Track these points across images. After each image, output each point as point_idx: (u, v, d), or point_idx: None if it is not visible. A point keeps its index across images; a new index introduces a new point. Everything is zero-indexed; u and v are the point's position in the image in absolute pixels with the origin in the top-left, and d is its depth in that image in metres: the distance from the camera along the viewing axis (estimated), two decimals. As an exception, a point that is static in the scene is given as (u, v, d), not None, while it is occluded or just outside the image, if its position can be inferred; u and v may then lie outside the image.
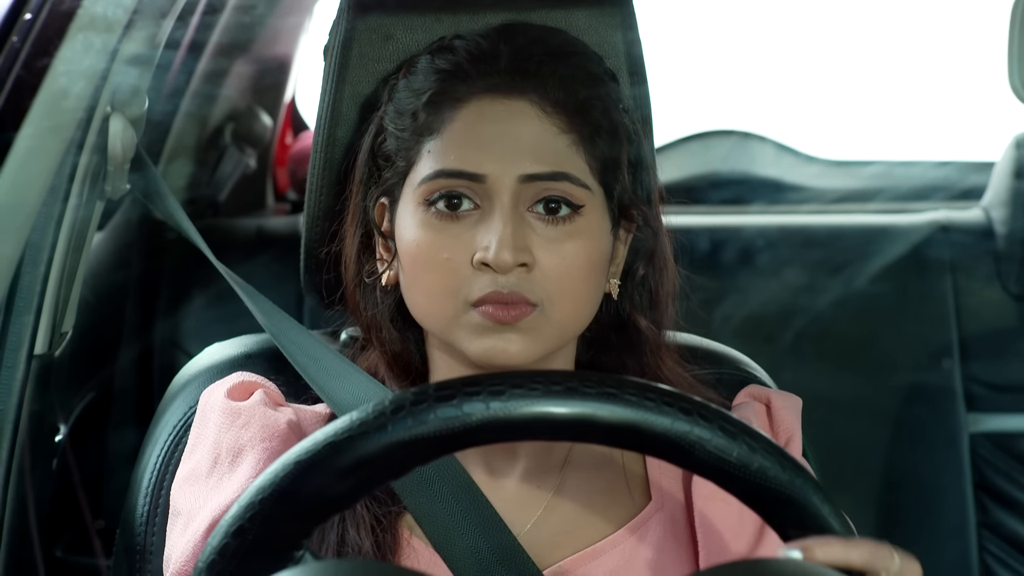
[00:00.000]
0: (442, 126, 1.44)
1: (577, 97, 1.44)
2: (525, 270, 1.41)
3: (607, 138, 1.46)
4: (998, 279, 2.87)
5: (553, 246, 1.42)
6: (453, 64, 1.45)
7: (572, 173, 1.42)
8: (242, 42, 3.02)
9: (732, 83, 4.05)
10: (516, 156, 1.41)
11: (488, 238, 1.40)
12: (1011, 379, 2.83)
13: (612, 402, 1.17)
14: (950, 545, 2.80)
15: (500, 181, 1.41)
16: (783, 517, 1.21)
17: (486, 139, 1.42)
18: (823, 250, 2.88)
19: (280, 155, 3.36)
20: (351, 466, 1.17)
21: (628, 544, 1.47)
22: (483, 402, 1.17)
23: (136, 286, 2.90)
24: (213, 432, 1.48)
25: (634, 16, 1.59)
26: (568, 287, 1.42)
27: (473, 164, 1.41)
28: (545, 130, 1.43)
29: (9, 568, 1.72)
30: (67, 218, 1.67)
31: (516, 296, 1.40)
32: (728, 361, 1.68)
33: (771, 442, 1.19)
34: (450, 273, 1.41)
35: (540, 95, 1.43)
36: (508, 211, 1.40)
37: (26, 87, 1.49)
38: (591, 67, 1.48)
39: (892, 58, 4.13)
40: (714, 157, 3.43)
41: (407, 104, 1.47)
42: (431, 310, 1.44)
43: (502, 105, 1.43)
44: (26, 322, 1.66)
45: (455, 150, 1.42)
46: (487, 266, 1.40)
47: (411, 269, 1.44)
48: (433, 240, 1.42)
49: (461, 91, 1.44)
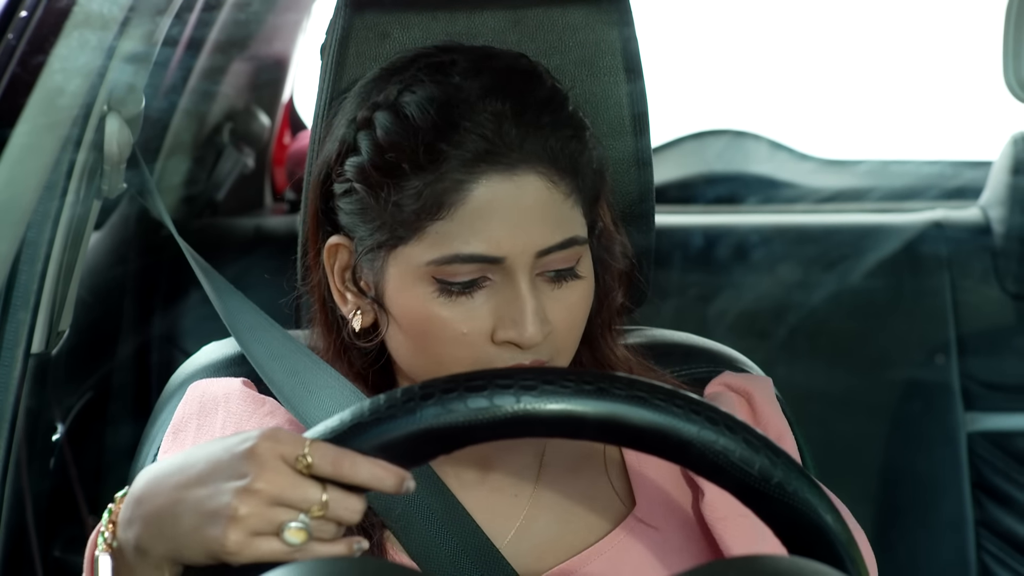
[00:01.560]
0: (451, 207, 1.38)
1: (571, 154, 1.41)
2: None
3: (592, 181, 1.44)
4: (995, 277, 2.87)
5: (562, 305, 1.41)
6: (442, 138, 1.38)
7: (579, 235, 1.41)
8: (240, 40, 3.02)
9: (726, 82, 4.05)
10: (531, 234, 1.38)
11: (512, 316, 1.38)
12: (1008, 378, 2.84)
13: (641, 406, 1.18)
14: (947, 543, 2.80)
15: (519, 260, 1.38)
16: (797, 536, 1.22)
17: (500, 220, 1.38)
18: (818, 246, 2.89)
19: (278, 155, 3.36)
20: (375, 449, 1.19)
21: (613, 552, 1.46)
22: (514, 395, 1.18)
23: (133, 284, 2.90)
24: (232, 419, 1.49)
25: (630, 12, 1.59)
26: (574, 338, 1.44)
27: (491, 248, 1.38)
28: (554, 200, 1.39)
29: (7, 566, 1.72)
30: (64, 216, 1.67)
31: (536, 361, 1.40)
32: (723, 358, 1.68)
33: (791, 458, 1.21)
34: (468, 347, 1.40)
35: (547, 165, 1.39)
36: (528, 288, 1.39)
37: (22, 84, 1.50)
38: (562, 102, 1.43)
39: (886, 56, 4.13)
40: (708, 155, 3.43)
41: (393, 172, 1.38)
42: (434, 372, 1.40)
43: (511, 182, 1.38)
44: (23, 320, 1.66)
45: (469, 235, 1.38)
46: (510, 343, 1.39)
47: (417, 338, 1.42)
48: (448, 315, 1.39)
49: (463, 171, 1.38)
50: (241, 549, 1.20)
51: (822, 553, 1.20)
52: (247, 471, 1.20)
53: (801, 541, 1.21)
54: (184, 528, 1.23)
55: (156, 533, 1.25)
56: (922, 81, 4.04)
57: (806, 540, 1.21)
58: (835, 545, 1.21)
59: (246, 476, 1.20)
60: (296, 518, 1.19)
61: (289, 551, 1.20)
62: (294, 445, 1.20)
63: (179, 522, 1.23)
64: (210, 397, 1.52)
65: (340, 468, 1.19)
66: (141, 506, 1.26)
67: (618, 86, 1.57)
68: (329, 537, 1.21)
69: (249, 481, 1.19)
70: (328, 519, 1.20)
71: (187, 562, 1.24)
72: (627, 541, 1.47)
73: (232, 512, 1.19)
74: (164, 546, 1.24)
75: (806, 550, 1.21)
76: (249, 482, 1.19)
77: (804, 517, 1.20)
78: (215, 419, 1.50)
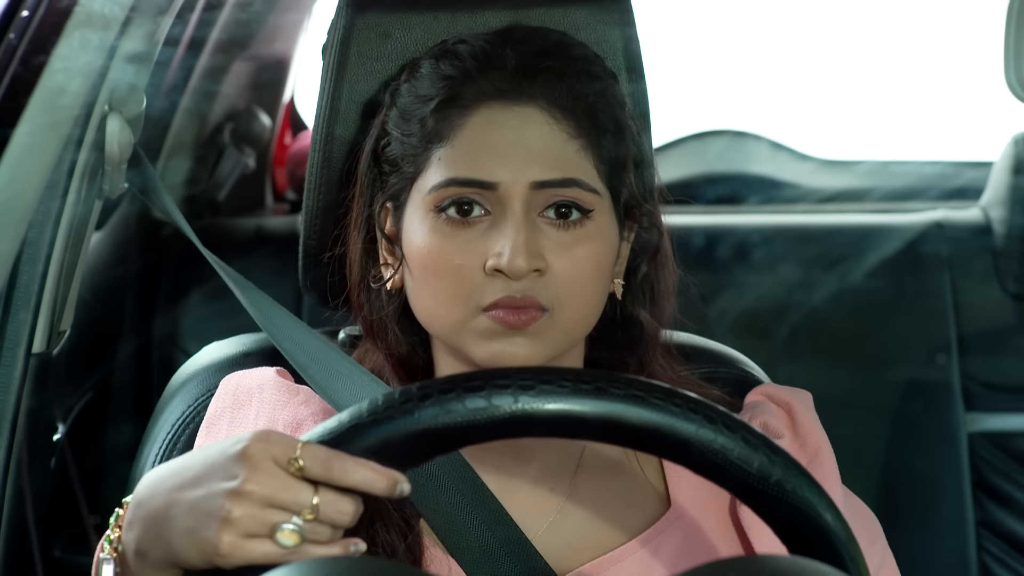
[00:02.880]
0: (451, 133, 1.43)
1: (586, 101, 1.44)
2: (538, 275, 1.41)
3: (614, 141, 1.46)
4: (996, 278, 2.87)
5: (564, 251, 1.42)
6: (459, 69, 1.45)
7: (582, 179, 1.43)
8: (241, 40, 3.02)
9: (727, 82, 4.05)
10: (527, 163, 1.41)
11: (501, 245, 1.40)
12: (1009, 378, 2.83)
13: (639, 405, 1.19)
14: (948, 544, 2.80)
15: (512, 189, 1.41)
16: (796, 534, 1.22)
17: (496, 147, 1.42)
18: (819, 246, 2.89)
19: (279, 155, 3.36)
20: (374, 448, 1.19)
21: (645, 552, 1.47)
22: (512, 395, 1.18)
23: (135, 284, 2.90)
24: (266, 409, 1.49)
25: (632, 13, 1.59)
26: (579, 291, 1.43)
27: (485, 172, 1.41)
28: (555, 136, 1.43)
29: (7, 567, 1.72)
30: (65, 216, 1.67)
31: (528, 300, 1.40)
32: (724, 359, 1.68)
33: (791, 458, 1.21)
34: (461, 279, 1.41)
35: (549, 100, 1.43)
36: (520, 218, 1.41)
37: (23, 84, 1.50)
38: (595, 68, 1.48)
39: (887, 56, 4.13)
40: (709, 156, 3.43)
41: (413, 110, 1.46)
42: (440, 313, 1.44)
43: (511, 112, 1.43)
44: (24, 320, 1.66)
45: (466, 158, 1.42)
46: (500, 272, 1.40)
47: (420, 274, 1.44)
48: (444, 246, 1.42)
49: (468, 97, 1.44)
50: (234, 551, 1.20)
51: (822, 551, 1.20)
52: (238, 472, 1.20)
53: (801, 540, 1.21)
54: (179, 530, 1.23)
55: (154, 535, 1.25)
56: (923, 81, 4.04)
57: (806, 538, 1.21)
58: (835, 543, 1.20)
59: (237, 477, 1.20)
60: (289, 520, 1.20)
61: (283, 553, 1.20)
62: (286, 447, 1.21)
63: (174, 524, 1.23)
64: (244, 389, 1.53)
65: (331, 471, 1.20)
66: (141, 508, 1.27)
67: (620, 86, 1.57)
68: (324, 540, 1.21)
69: (240, 483, 1.20)
70: (321, 522, 1.20)
71: (184, 565, 1.24)
72: (660, 540, 1.47)
73: (225, 514, 1.20)
74: (161, 548, 1.25)
75: (806, 549, 1.21)
76: (240, 483, 1.20)
77: (803, 515, 1.20)
78: (248, 410, 1.51)
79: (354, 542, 1.22)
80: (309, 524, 1.20)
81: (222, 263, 1.61)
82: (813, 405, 1.57)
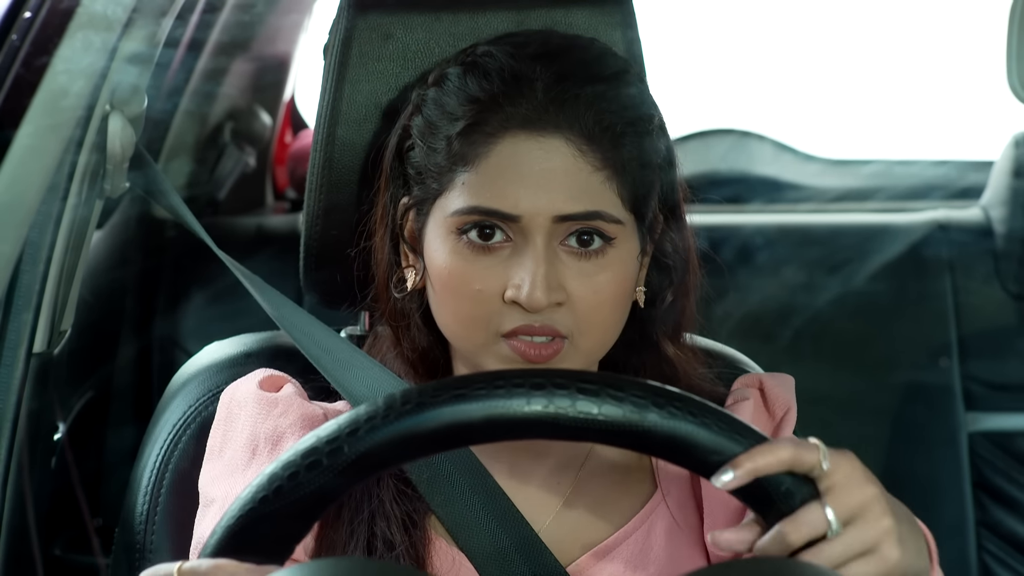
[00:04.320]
0: (476, 160, 1.42)
1: (613, 132, 1.42)
2: (557, 306, 1.41)
3: (640, 169, 1.44)
4: (997, 278, 2.87)
5: (585, 279, 1.41)
6: (487, 92, 1.43)
7: (605, 211, 1.41)
8: (242, 40, 3.03)
9: (731, 82, 4.05)
10: (550, 196, 1.40)
11: (520, 276, 1.40)
12: (1010, 378, 2.83)
13: (657, 410, 1.19)
14: (949, 544, 2.80)
15: (534, 221, 1.40)
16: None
17: (521, 178, 1.40)
18: (822, 249, 2.88)
19: (279, 153, 3.36)
20: (403, 438, 1.19)
21: (640, 533, 1.48)
22: (546, 397, 1.19)
23: (135, 284, 2.90)
24: (248, 424, 1.49)
25: (633, 15, 1.59)
26: (599, 319, 1.43)
27: (508, 204, 1.40)
28: (580, 169, 1.41)
29: (8, 566, 1.72)
30: (66, 216, 1.67)
31: (547, 328, 1.40)
32: (726, 360, 1.68)
33: None
34: (480, 304, 1.41)
35: (576, 132, 1.41)
36: (541, 251, 1.40)
37: (25, 85, 1.50)
38: (624, 88, 1.45)
39: (891, 57, 4.13)
40: (713, 156, 3.43)
41: (439, 125, 1.44)
42: (460, 334, 1.45)
43: (536, 142, 1.41)
44: (25, 320, 1.66)
45: (490, 188, 1.41)
46: (518, 304, 1.40)
47: (441, 291, 1.44)
48: (465, 270, 1.41)
49: (495, 124, 1.42)
50: None
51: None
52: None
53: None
54: None
55: None
56: (926, 82, 4.04)
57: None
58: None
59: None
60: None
61: None
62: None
63: None
64: (237, 403, 1.52)
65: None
66: None
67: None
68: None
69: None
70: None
71: None
72: (652, 521, 1.49)
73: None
74: None
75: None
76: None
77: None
78: (236, 424, 1.50)
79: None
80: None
81: (231, 259, 1.61)
82: (793, 386, 1.56)
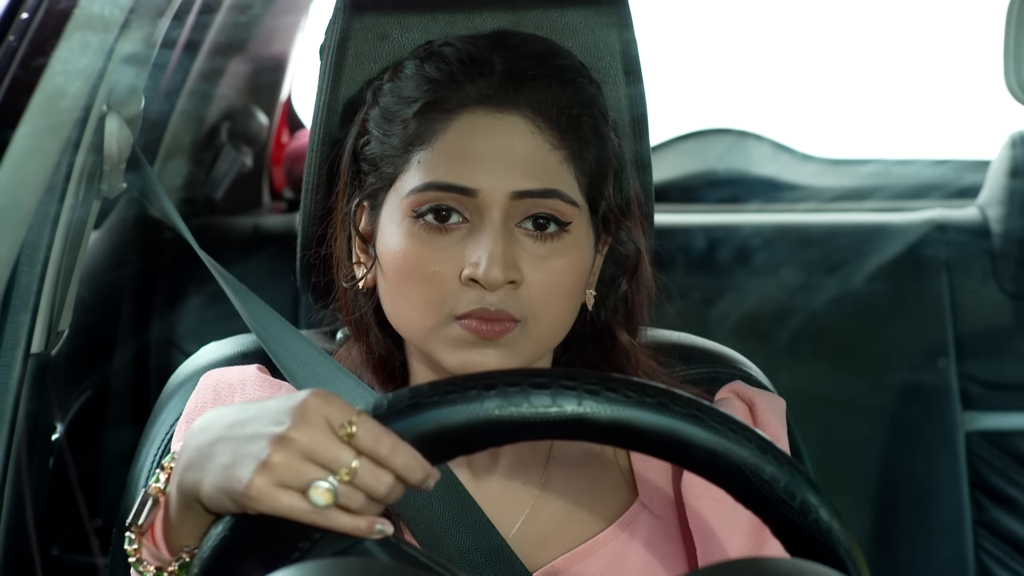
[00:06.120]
0: (433, 137, 1.42)
1: (570, 113, 1.43)
2: (513, 287, 1.41)
3: (596, 154, 1.45)
4: (994, 277, 2.87)
5: (540, 263, 1.42)
6: (444, 73, 1.44)
7: (562, 190, 1.42)
8: (238, 41, 3.02)
9: (729, 81, 4.05)
10: (508, 172, 1.41)
11: (478, 254, 1.40)
12: (1007, 377, 2.83)
13: (698, 424, 1.20)
14: (946, 543, 2.80)
15: (491, 197, 1.41)
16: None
17: (478, 153, 1.41)
18: (819, 249, 2.88)
19: (276, 153, 3.36)
20: (433, 432, 1.20)
21: (618, 541, 1.47)
22: (577, 399, 1.19)
23: (132, 285, 2.90)
24: (254, 398, 1.47)
25: (629, 15, 1.59)
26: (552, 304, 1.43)
27: (465, 178, 1.41)
28: (538, 146, 1.42)
29: (6, 567, 1.72)
30: (63, 217, 1.67)
31: (502, 313, 1.40)
32: (724, 360, 1.68)
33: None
34: (436, 286, 1.41)
35: (534, 109, 1.42)
36: (499, 228, 1.40)
37: (23, 86, 1.50)
38: (581, 79, 1.47)
39: (889, 57, 4.13)
40: (711, 156, 3.43)
41: (395, 111, 1.45)
42: (411, 318, 1.44)
43: (494, 119, 1.42)
44: (23, 321, 1.66)
45: (447, 163, 1.41)
46: (475, 282, 1.40)
47: (394, 277, 1.44)
48: (420, 252, 1.41)
49: (453, 101, 1.43)
50: (261, 496, 1.19)
51: (824, 555, 1.21)
52: (287, 420, 1.19)
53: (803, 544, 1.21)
54: (216, 465, 1.22)
55: (192, 464, 1.24)
56: (924, 82, 4.04)
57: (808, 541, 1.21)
58: (836, 547, 1.21)
59: (284, 424, 1.19)
60: (325, 478, 1.18)
61: (309, 511, 1.18)
62: (343, 411, 1.20)
63: (214, 458, 1.22)
64: (225, 384, 1.52)
65: (379, 446, 1.19)
66: (192, 440, 1.26)
67: (617, 89, 1.57)
68: (355, 507, 1.19)
69: (286, 429, 1.19)
70: (356, 487, 1.19)
71: (205, 500, 1.23)
72: (633, 528, 1.48)
73: (264, 457, 1.19)
74: (193, 480, 1.24)
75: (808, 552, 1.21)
76: (286, 430, 1.19)
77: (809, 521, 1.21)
78: (233, 400, 1.50)
79: (381, 521, 1.21)
80: (344, 487, 1.19)
81: (217, 265, 1.61)
82: (784, 412, 1.56)
